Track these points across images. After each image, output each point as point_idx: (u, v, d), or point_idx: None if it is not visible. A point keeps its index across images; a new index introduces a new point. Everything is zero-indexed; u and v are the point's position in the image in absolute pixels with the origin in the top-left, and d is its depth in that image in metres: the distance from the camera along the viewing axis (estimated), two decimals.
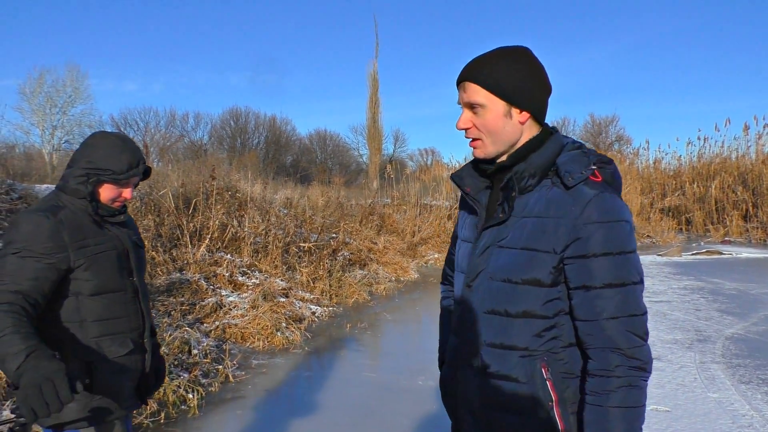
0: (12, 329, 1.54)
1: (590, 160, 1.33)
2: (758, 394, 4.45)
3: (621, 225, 1.27)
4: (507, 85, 1.34)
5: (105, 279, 1.89)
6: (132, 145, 1.95)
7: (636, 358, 1.25)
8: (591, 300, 1.27)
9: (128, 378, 1.96)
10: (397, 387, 4.72)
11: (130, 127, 33.81)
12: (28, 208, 1.91)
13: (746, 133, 19.82)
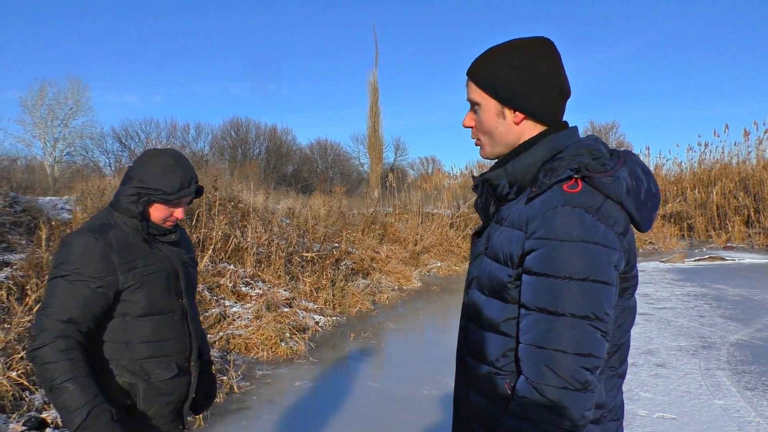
0: (70, 375, 1.61)
1: (568, 166, 1.17)
2: (764, 401, 4.43)
3: (576, 246, 1.10)
4: (498, 84, 1.26)
5: (153, 300, 1.85)
6: (184, 163, 1.90)
7: (546, 397, 1.10)
8: (528, 322, 1.15)
9: (171, 402, 1.91)
10: (402, 396, 4.71)
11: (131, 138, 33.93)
12: (80, 227, 1.91)
13: (746, 139, 19.83)
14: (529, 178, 1.25)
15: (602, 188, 1.16)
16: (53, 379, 1.61)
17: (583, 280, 1.10)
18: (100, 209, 2.03)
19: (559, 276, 1.10)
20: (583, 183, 1.16)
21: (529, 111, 1.27)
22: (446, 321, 8.29)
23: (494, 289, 1.24)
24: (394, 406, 4.50)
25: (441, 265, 12.28)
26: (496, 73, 1.26)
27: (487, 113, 1.30)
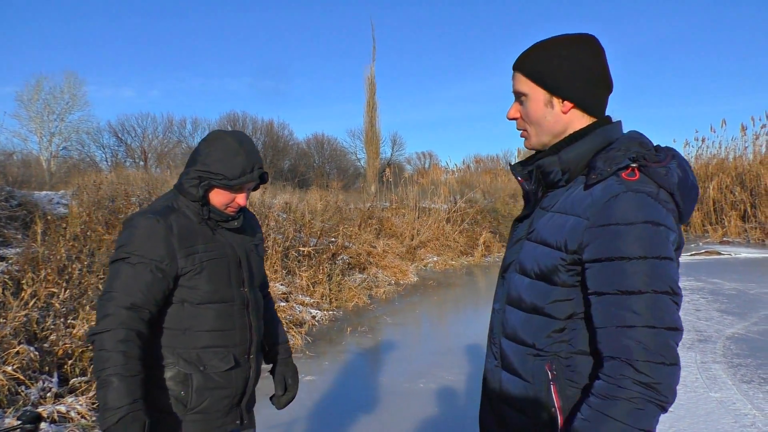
0: (119, 371, 1.59)
1: (626, 156, 1.20)
2: (760, 393, 4.45)
3: (645, 227, 1.12)
4: (547, 73, 1.30)
5: (212, 288, 1.79)
6: (249, 147, 1.83)
7: (646, 374, 1.08)
8: (605, 306, 1.15)
9: (226, 396, 1.83)
10: (399, 390, 4.72)
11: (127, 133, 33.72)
12: (143, 209, 1.88)
13: (743, 134, 19.87)
14: (581, 167, 1.27)
15: (657, 178, 1.19)
16: (103, 369, 1.60)
17: (654, 258, 1.12)
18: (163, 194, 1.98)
19: (632, 257, 1.12)
20: (639, 172, 1.19)
21: (577, 100, 1.30)
22: (442, 315, 8.30)
23: (542, 272, 1.26)
24: (392, 399, 4.51)
25: (437, 259, 12.30)
26: (545, 63, 1.30)
27: (535, 103, 1.33)
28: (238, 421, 1.90)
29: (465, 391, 4.69)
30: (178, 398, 1.76)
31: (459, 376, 5.04)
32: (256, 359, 1.93)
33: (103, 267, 5.54)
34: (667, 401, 1.09)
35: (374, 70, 20.28)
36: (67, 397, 3.71)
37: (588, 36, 1.33)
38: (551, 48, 1.31)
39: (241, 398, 1.89)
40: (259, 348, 1.95)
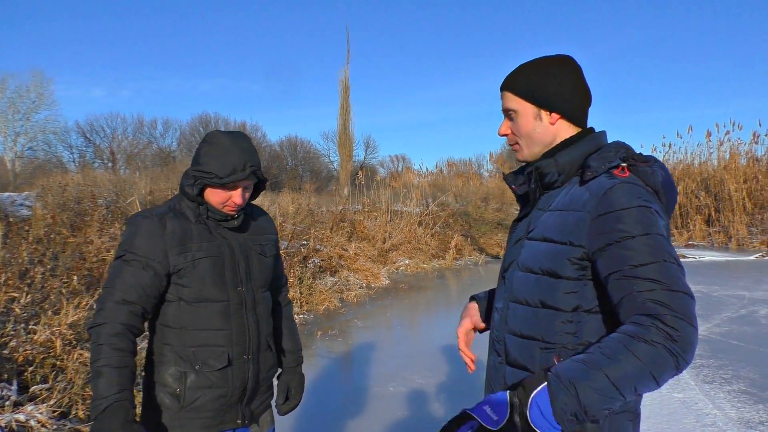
0: (109, 362, 1.67)
1: (617, 156, 1.32)
2: (721, 393, 4.56)
3: (642, 209, 1.21)
4: (534, 89, 1.41)
5: (204, 287, 1.82)
6: (243, 145, 1.84)
7: (673, 327, 1.10)
8: (621, 281, 1.19)
9: (221, 395, 1.84)
10: (368, 394, 4.71)
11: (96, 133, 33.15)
12: (143, 210, 1.96)
13: (708, 140, 20.33)
14: (575, 169, 1.38)
15: (643, 176, 1.29)
16: (96, 360, 1.68)
17: (654, 233, 1.20)
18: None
19: (635, 234, 1.19)
20: (629, 171, 1.29)
21: (563, 111, 1.42)
22: (414, 318, 8.31)
23: (548, 267, 1.32)
24: (361, 403, 4.50)
25: (409, 262, 12.32)
26: (531, 80, 1.42)
27: (525, 118, 1.44)
28: (239, 420, 1.91)
29: (434, 393, 4.70)
30: (173, 395, 1.81)
31: (429, 379, 5.05)
32: (257, 359, 1.93)
33: (67, 271, 5.42)
34: (685, 360, 1.11)
35: (348, 73, 20.25)
36: (27, 406, 3.60)
37: (567, 56, 1.46)
38: (537, 67, 1.43)
39: (241, 397, 1.90)
40: (262, 348, 1.96)
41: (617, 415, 1.30)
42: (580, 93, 1.43)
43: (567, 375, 1.13)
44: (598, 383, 1.10)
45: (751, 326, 6.88)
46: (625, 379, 1.10)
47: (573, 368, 1.14)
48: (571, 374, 1.13)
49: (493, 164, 28.22)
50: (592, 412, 1.11)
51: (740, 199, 18.30)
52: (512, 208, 19.05)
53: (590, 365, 1.13)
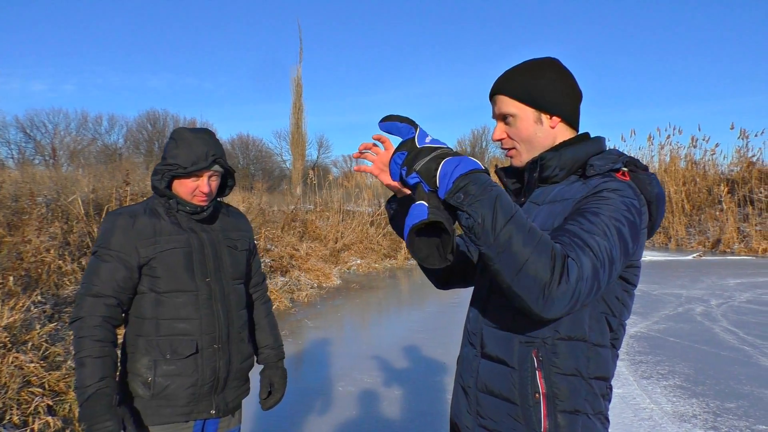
0: (90, 353, 1.77)
1: (621, 160, 1.31)
2: (657, 389, 4.75)
3: (623, 201, 1.21)
4: (535, 93, 1.39)
5: (174, 277, 1.90)
6: (205, 137, 1.96)
7: (566, 264, 1.08)
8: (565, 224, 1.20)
9: (190, 384, 1.90)
10: (317, 394, 4.69)
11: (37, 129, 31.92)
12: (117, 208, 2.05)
13: (650, 143, 21.20)
14: (576, 166, 1.37)
15: (641, 185, 1.29)
16: (77, 352, 1.78)
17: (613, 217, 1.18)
18: None
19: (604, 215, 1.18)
20: (629, 176, 1.29)
21: (564, 115, 1.41)
22: (365, 318, 8.33)
23: None
24: (309, 403, 4.48)
25: (361, 262, 12.34)
26: (529, 84, 1.39)
27: (525, 122, 1.41)
28: (212, 410, 1.96)
29: (384, 393, 4.73)
30: (145, 384, 1.87)
31: (377, 379, 5.07)
32: (228, 349, 1.99)
33: (3, 271, 5.20)
34: (543, 299, 1.07)
35: (301, 72, 20.13)
36: None
37: (555, 59, 1.45)
38: (534, 70, 1.41)
39: (212, 387, 1.95)
40: (235, 339, 2.02)
41: (592, 416, 1.29)
42: (575, 94, 1.43)
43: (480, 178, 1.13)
44: (504, 202, 1.10)
45: (687, 323, 7.18)
46: (516, 223, 1.08)
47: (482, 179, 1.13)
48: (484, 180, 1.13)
49: None
50: (470, 191, 1.11)
51: (679, 200, 19.11)
52: None
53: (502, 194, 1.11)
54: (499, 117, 1.45)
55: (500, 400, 1.34)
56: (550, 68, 1.42)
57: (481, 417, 1.39)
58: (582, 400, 1.28)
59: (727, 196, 18.09)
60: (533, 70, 1.41)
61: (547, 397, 1.27)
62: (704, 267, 13.26)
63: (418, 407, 4.38)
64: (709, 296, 9.12)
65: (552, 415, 1.26)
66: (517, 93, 1.40)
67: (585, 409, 1.28)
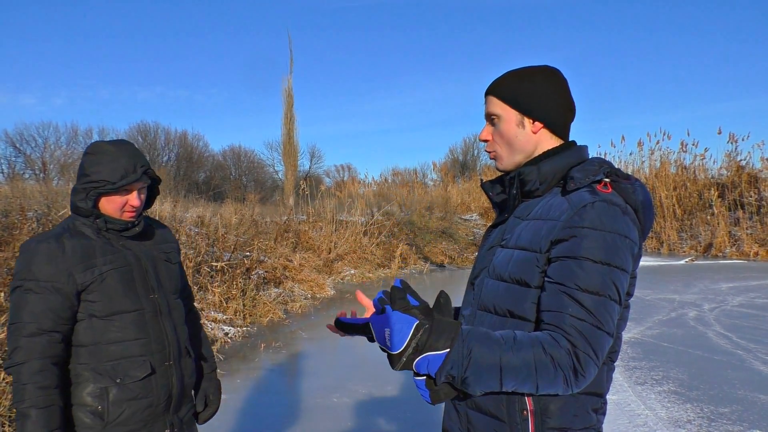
0: (35, 403, 1.62)
1: (600, 170, 1.30)
2: (652, 394, 4.75)
3: (613, 237, 1.20)
4: (519, 95, 1.40)
5: (116, 299, 1.79)
6: (129, 150, 1.85)
7: (579, 362, 1.13)
8: (560, 295, 1.20)
9: (147, 405, 1.82)
10: (312, 405, 4.67)
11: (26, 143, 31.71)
12: (36, 235, 1.89)
13: (640, 149, 21.32)
14: (557, 178, 1.37)
15: (624, 194, 1.28)
16: (21, 401, 1.63)
17: (615, 267, 1.19)
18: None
19: (596, 260, 1.19)
20: (612, 187, 1.28)
21: (546, 121, 1.40)
22: None
23: (519, 276, 1.30)
24: (305, 415, 4.46)
25: (355, 272, 12.33)
26: (517, 87, 1.40)
27: (508, 123, 1.42)
28: (167, 430, 1.90)
29: (378, 403, 4.71)
30: (95, 413, 1.76)
31: (372, 389, 5.05)
32: (179, 365, 1.93)
33: None
34: (572, 391, 1.16)
35: (292, 82, 20.14)
36: None
37: (554, 68, 1.45)
38: (524, 75, 1.42)
39: (167, 405, 1.89)
40: (182, 353, 1.96)
41: (582, 431, 1.29)
42: (565, 105, 1.42)
43: (471, 337, 1.13)
44: (490, 361, 1.12)
45: (680, 328, 7.21)
46: (512, 373, 1.12)
47: (480, 337, 1.14)
48: (476, 339, 1.13)
49: (437, 173, 28.60)
50: (468, 381, 1.12)
51: (671, 205, 19.21)
52: (456, 217, 19.35)
53: (495, 343, 1.14)
54: (486, 117, 1.47)
55: (489, 417, 1.33)
56: (542, 74, 1.42)
57: None
58: (571, 417, 1.27)
59: (717, 201, 18.21)
60: (525, 74, 1.42)
61: (534, 414, 1.27)
62: (696, 271, 13.32)
63: (414, 417, 4.36)
64: (701, 301, 9.16)
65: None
66: (504, 94, 1.42)
67: (574, 425, 1.28)
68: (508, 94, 1.41)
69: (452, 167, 33.73)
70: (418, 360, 1.11)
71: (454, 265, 15.18)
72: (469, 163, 39.52)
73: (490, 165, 29.62)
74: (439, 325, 1.12)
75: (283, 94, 20.37)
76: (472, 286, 1.47)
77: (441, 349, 1.11)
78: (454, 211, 19.92)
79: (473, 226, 19.20)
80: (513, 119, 1.41)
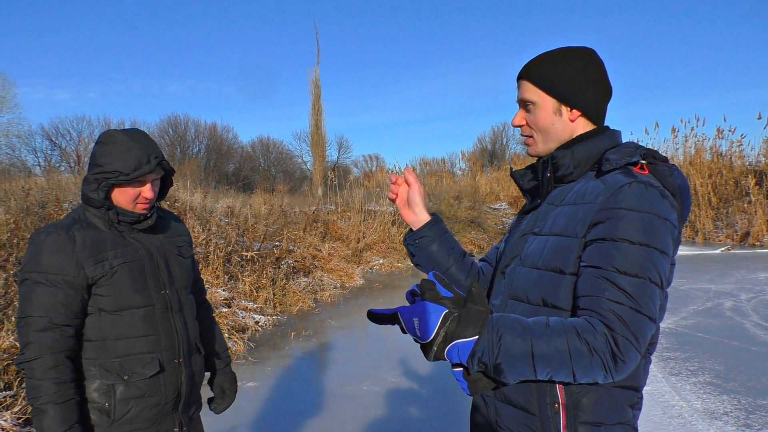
0: (52, 399, 1.59)
1: (636, 152, 1.25)
2: (687, 385, 4.66)
3: (652, 218, 1.15)
4: (557, 83, 1.33)
5: (125, 294, 1.74)
6: (142, 139, 1.78)
7: (619, 348, 1.08)
8: (598, 278, 1.15)
9: (155, 403, 1.78)
10: (342, 394, 4.70)
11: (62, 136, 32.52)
12: (45, 226, 1.83)
13: (674, 136, 20.83)
14: (591, 163, 1.32)
15: (661, 177, 1.23)
16: (36, 398, 1.60)
17: (654, 248, 1.14)
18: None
19: (635, 242, 1.14)
20: (648, 170, 1.23)
21: (585, 108, 1.34)
22: None
23: (552, 263, 1.26)
24: (335, 403, 4.49)
25: (383, 262, 12.33)
26: (554, 73, 1.33)
27: (544, 111, 1.35)
28: (176, 428, 1.85)
29: (408, 392, 4.72)
30: (101, 410, 1.72)
31: (402, 378, 5.06)
32: (188, 363, 1.88)
33: None
34: (613, 378, 1.10)
35: (319, 73, 20.19)
36: None
37: (590, 49, 1.38)
38: (560, 59, 1.35)
39: (176, 404, 1.84)
40: (192, 351, 1.91)
41: (613, 426, 1.24)
42: (602, 90, 1.36)
43: (501, 324, 1.09)
44: (521, 348, 1.08)
45: (716, 318, 7.05)
46: (545, 360, 1.08)
47: (510, 323, 1.10)
48: (506, 326, 1.09)
49: (466, 163, 28.40)
50: (500, 368, 1.08)
51: (706, 193, 18.75)
52: (485, 206, 19.21)
53: (526, 329, 1.10)
54: (520, 103, 1.41)
55: (518, 410, 1.30)
56: (579, 58, 1.35)
57: (499, 427, 1.36)
58: (605, 411, 1.23)
59: (755, 188, 17.71)
60: (561, 58, 1.35)
61: (566, 407, 1.23)
62: (733, 261, 13.00)
63: (443, 406, 4.36)
64: (738, 291, 8.94)
65: (572, 427, 1.22)
66: (540, 80, 1.35)
67: (608, 420, 1.23)
68: (545, 80, 1.34)
69: (481, 156, 33.46)
70: (449, 348, 1.09)
71: (483, 255, 15.09)
72: (498, 152, 39.17)
73: (519, 154, 29.32)
74: (467, 313, 1.09)
75: (311, 84, 20.44)
76: (502, 275, 1.41)
77: (469, 336, 1.07)
78: (483, 200, 19.77)
79: (502, 216, 19.04)
80: (550, 107, 1.35)
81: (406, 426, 4.03)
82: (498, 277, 1.44)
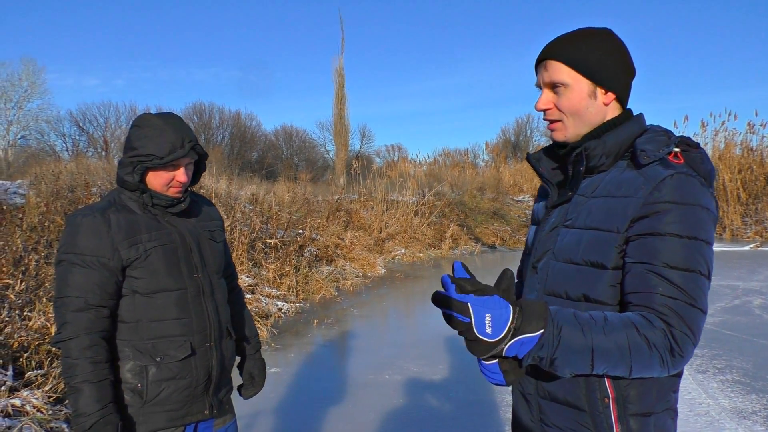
0: (88, 378, 1.63)
1: (671, 141, 1.23)
2: (714, 383, 4.59)
3: (696, 209, 1.14)
4: (593, 64, 1.27)
5: (159, 277, 1.76)
6: (176, 123, 1.79)
7: (677, 343, 1.08)
8: (648, 274, 1.14)
9: (186, 386, 1.80)
10: (364, 382, 4.72)
11: (89, 122, 32.97)
12: (81, 207, 1.86)
13: (704, 130, 20.41)
14: (621, 152, 1.28)
15: (694, 164, 1.21)
16: (72, 377, 1.63)
17: (702, 240, 1.14)
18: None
19: (683, 235, 1.13)
20: (683, 157, 1.21)
21: (620, 92, 1.31)
22: (410, 307, 8.33)
23: (591, 257, 1.23)
24: (357, 391, 4.51)
25: (405, 252, 12.33)
26: (589, 54, 1.28)
27: (578, 93, 1.30)
28: (206, 411, 1.87)
29: (430, 382, 4.72)
30: (134, 390, 1.75)
31: (424, 368, 5.06)
32: (219, 346, 1.90)
33: None
34: (670, 372, 1.11)
35: (343, 62, 20.16)
36: (23, 391, 3.60)
37: (611, 30, 1.34)
38: (590, 38, 1.29)
39: (206, 387, 1.86)
40: (224, 335, 1.93)
41: (661, 413, 1.24)
42: (629, 71, 1.33)
43: (560, 318, 1.08)
44: (581, 342, 1.07)
45: (744, 316, 6.92)
46: (604, 355, 1.07)
47: (569, 317, 1.09)
48: (565, 319, 1.08)
49: (489, 154, 28.20)
50: (557, 363, 1.07)
51: (735, 189, 18.38)
52: (508, 198, 19.08)
53: (584, 325, 1.08)
54: (547, 85, 1.33)
55: (566, 407, 1.28)
56: (609, 40, 1.30)
57: (546, 425, 1.33)
58: (653, 400, 1.22)
59: None
60: (591, 38, 1.29)
61: (616, 401, 1.21)
62: (762, 258, 12.73)
63: (465, 397, 4.35)
64: (767, 288, 8.76)
65: (623, 419, 1.21)
66: (574, 61, 1.28)
67: (656, 408, 1.23)
68: (579, 61, 1.27)
69: (504, 148, 33.17)
70: (511, 343, 1.05)
71: (505, 247, 14.99)
72: (522, 144, 38.81)
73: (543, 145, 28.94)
74: (528, 307, 1.06)
75: (334, 74, 20.43)
76: (535, 270, 1.37)
77: (534, 331, 1.05)
78: (506, 192, 19.63)
79: (525, 208, 18.88)
80: (585, 89, 1.29)
81: (428, 415, 4.04)
82: (530, 272, 1.39)
